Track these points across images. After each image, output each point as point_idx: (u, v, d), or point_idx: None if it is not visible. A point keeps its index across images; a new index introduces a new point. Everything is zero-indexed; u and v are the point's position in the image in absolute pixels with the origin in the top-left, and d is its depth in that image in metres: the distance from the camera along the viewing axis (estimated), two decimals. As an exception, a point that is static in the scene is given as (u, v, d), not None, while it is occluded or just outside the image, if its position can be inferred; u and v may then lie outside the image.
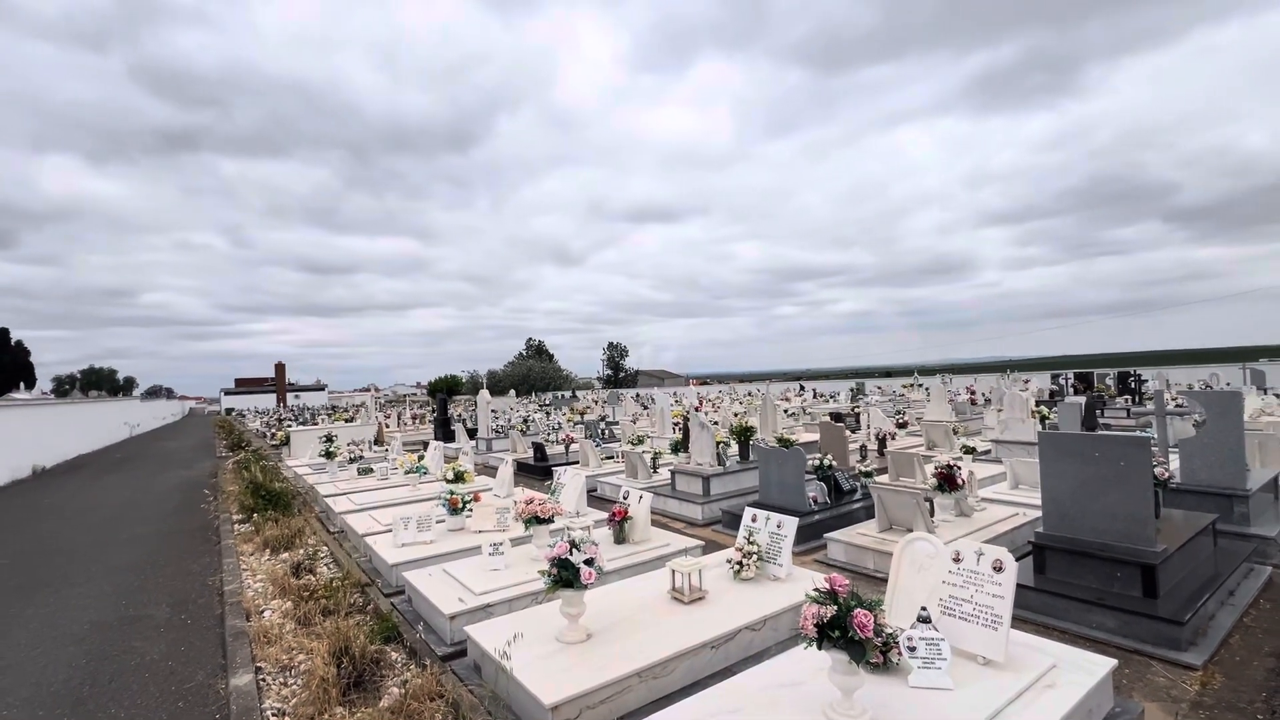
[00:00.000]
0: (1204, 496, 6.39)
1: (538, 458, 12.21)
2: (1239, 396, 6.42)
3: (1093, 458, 4.78)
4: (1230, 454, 6.37)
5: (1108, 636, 4.31)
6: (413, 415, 27.18)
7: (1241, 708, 3.39)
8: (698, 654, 3.77)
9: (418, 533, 6.28)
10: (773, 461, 7.53)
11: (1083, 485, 4.84)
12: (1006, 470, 8.36)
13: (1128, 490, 4.61)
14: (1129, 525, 4.61)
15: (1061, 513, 4.97)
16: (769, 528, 4.90)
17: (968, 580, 3.40)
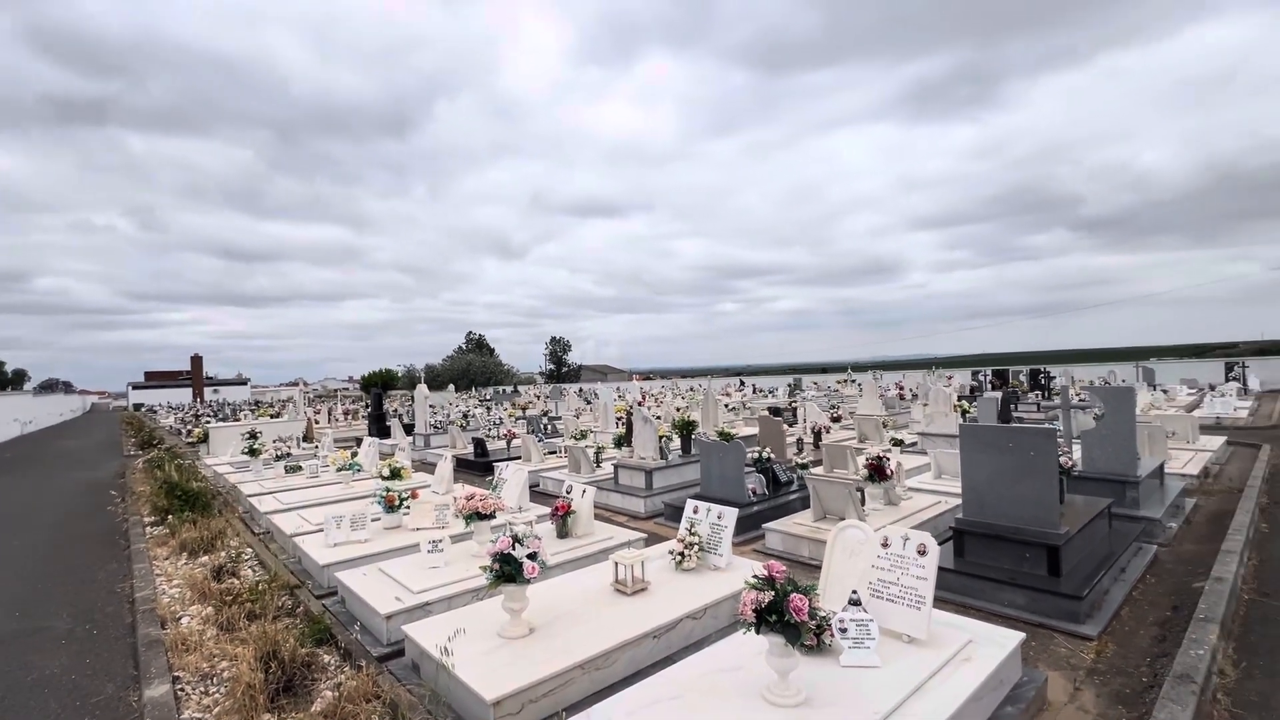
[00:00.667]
0: (1101, 483, 6.97)
1: (478, 454, 11.98)
2: (1132, 392, 7.04)
3: (1006, 449, 5.14)
4: (1123, 444, 6.98)
5: (1017, 612, 4.66)
6: (345, 411, 26.08)
7: (1129, 672, 3.74)
8: (640, 644, 3.82)
9: (351, 532, 6.05)
10: (714, 455, 7.69)
11: (998, 474, 5.19)
12: (931, 461, 8.85)
13: (1036, 478, 4.98)
14: (1037, 510, 4.98)
15: (979, 500, 5.31)
16: (710, 519, 5.01)
17: (894, 564, 3.60)
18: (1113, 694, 3.52)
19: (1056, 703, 3.47)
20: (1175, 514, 7.12)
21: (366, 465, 9.57)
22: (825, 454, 9.59)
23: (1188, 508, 7.44)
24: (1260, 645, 3.99)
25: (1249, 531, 6.22)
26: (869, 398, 16.25)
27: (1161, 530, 6.49)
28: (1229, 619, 4.23)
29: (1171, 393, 21.28)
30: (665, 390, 35.44)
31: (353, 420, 23.04)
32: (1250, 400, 19.37)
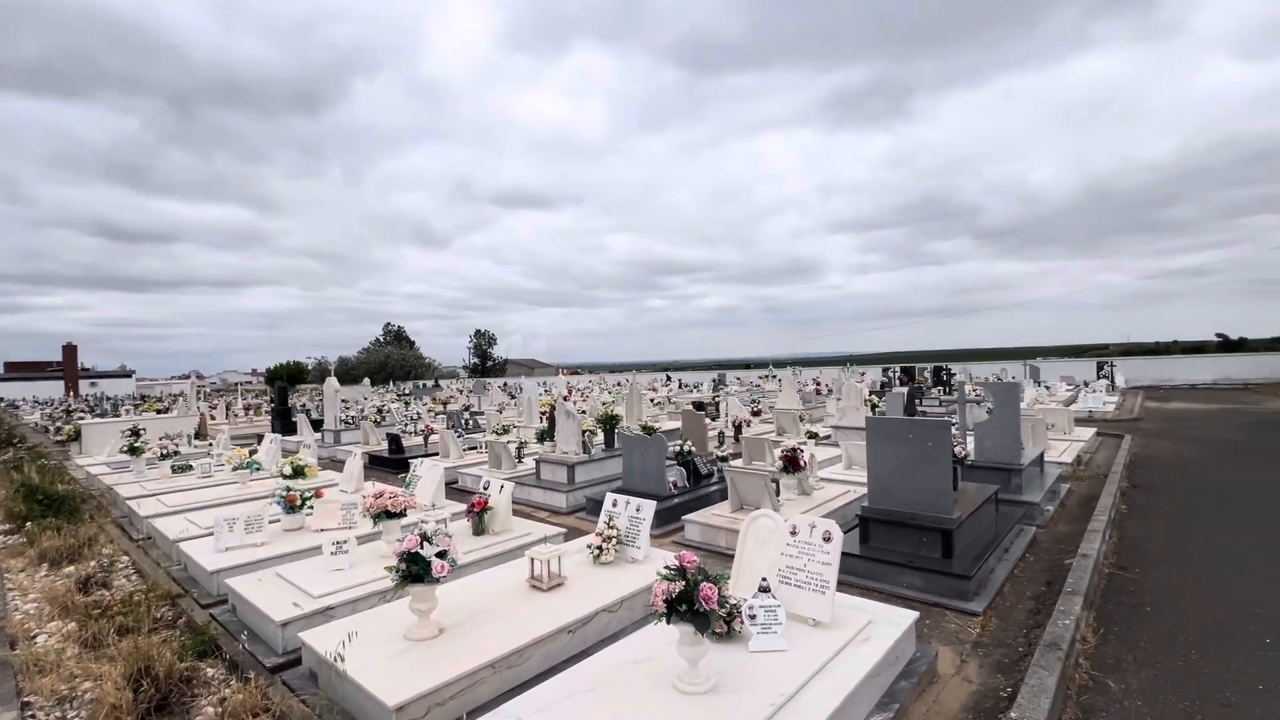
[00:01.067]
0: (991, 471, 7.55)
1: (393, 450, 11.45)
2: (1018, 388, 7.68)
3: (907, 440, 5.45)
4: (1010, 436, 7.59)
5: (915, 593, 4.95)
6: (246, 406, 24.26)
7: (1008, 643, 4.06)
8: (554, 639, 3.76)
9: (245, 535, 5.61)
10: (636, 449, 7.71)
11: (899, 464, 5.50)
12: (842, 453, 9.29)
13: (933, 467, 5.32)
14: (934, 497, 5.32)
15: (883, 488, 5.61)
16: (628, 512, 5.02)
17: (802, 551, 3.72)
18: (994, 664, 3.81)
19: (945, 675, 3.71)
20: (1052, 498, 7.82)
21: (267, 463, 8.92)
22: (745, 447, 9.85)
23: (1063, 492, 8.19)
24: (1116, 613, 4.44)
25: (1111, 513, 6.92)
26: (788, 393, 16.85)
27: (1040, 513, 7.11)
28: (1092, 591, 4.69)
29: (1053, 389, 23.45)
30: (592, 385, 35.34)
31: (255, 416, 21.47)
32: (1117, 396, 21.63)
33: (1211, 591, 4.78)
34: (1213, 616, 4.34)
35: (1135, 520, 6.88)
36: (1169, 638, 4.03)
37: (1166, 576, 5.12)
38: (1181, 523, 6.70)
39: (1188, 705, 3.23)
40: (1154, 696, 3.32)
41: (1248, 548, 5.79)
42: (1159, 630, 4.15)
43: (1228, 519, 6.77)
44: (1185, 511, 7.13)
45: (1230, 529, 6.39)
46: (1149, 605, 4.56)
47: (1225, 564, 5.38)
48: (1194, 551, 5.73)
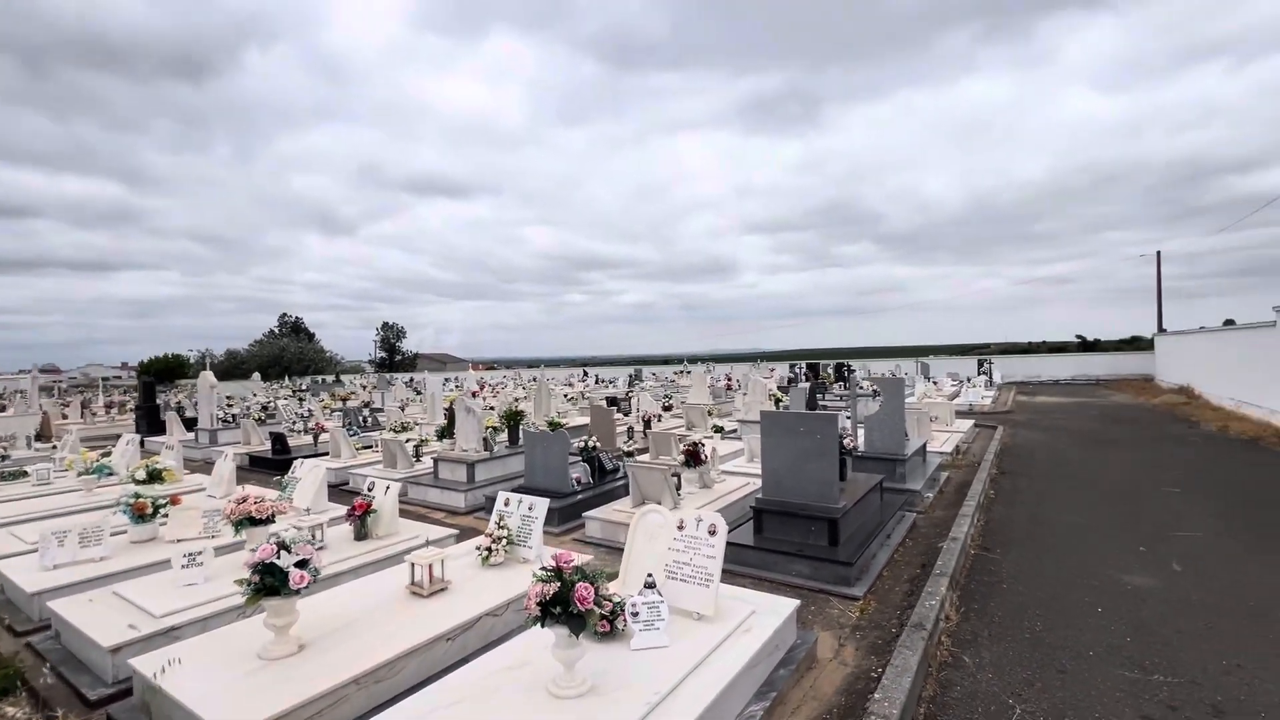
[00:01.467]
0: (879, 461, 7.99)
1: (277, 450, 10.58)
2: (902, 384, 8.16)
3: (799, 433, 5.63)
4: (895, 428, 8.06)
5: (803, 580, 5.12)
6: (109, 403, 21.73)
7: (883, 625, 4.26)
8: (431, 649, 3.55)
9: (80, 549, 4.94)
10: (538, 445, 7.53)
11: (792, 456, 5.67)
12: (744, 446, 9.52)
13: (822, 459, 5.52)
14: (822, 488, 5.52)
15: (776, 480, 5.77)
16: (521, 510, 4.85)
17: (689, 545, 3.72)
18: (869, 646, 3.98)
19: (824, 659, 3.84)
20: (932, 485, 8.39)
21: (120, 468, 7.96)
22: (651, 441, 9.89)
23: (942, 480, 8.80)
24: (977, 592, 4.78)
25: (980, 498, 7.51)
26: (698, 388, 17.15)
27: (921, 500, 7.60)
28: (958, 572, 5.04)
29: (940, 384, 25.39)
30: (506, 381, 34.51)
31: (119, 415, 19.25)
32: (994, 391, 23.68)
33: (1058, 566, 5.27)
34: (1057, 589, 4.78)
35: (1001, 504, 7.49)
36: (1019, 611, 4.39)
37: (1022, 554, 5.59)
38: (1038, 504, 7.37)
39: (1030, 674, 3.50)
40: (1003, 668, 3.57)
41: (1089, 525, 6.44)
42: (1012, 605, 4.51)
43: (1076, 500, 7.52)
44: (1042, 494, 7.86)
45: (1077, 509, 7.10)
46: (1005, 582, 4.95)
47: (1070, 540, 5.96)
48: (1046, 530, 6.31)
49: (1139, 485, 8.22)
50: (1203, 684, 3.34)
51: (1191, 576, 4.93)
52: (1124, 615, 4.27)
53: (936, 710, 3.21)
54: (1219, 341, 18.35)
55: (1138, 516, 6.74)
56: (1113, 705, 3.21)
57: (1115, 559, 5.42)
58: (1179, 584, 4.79)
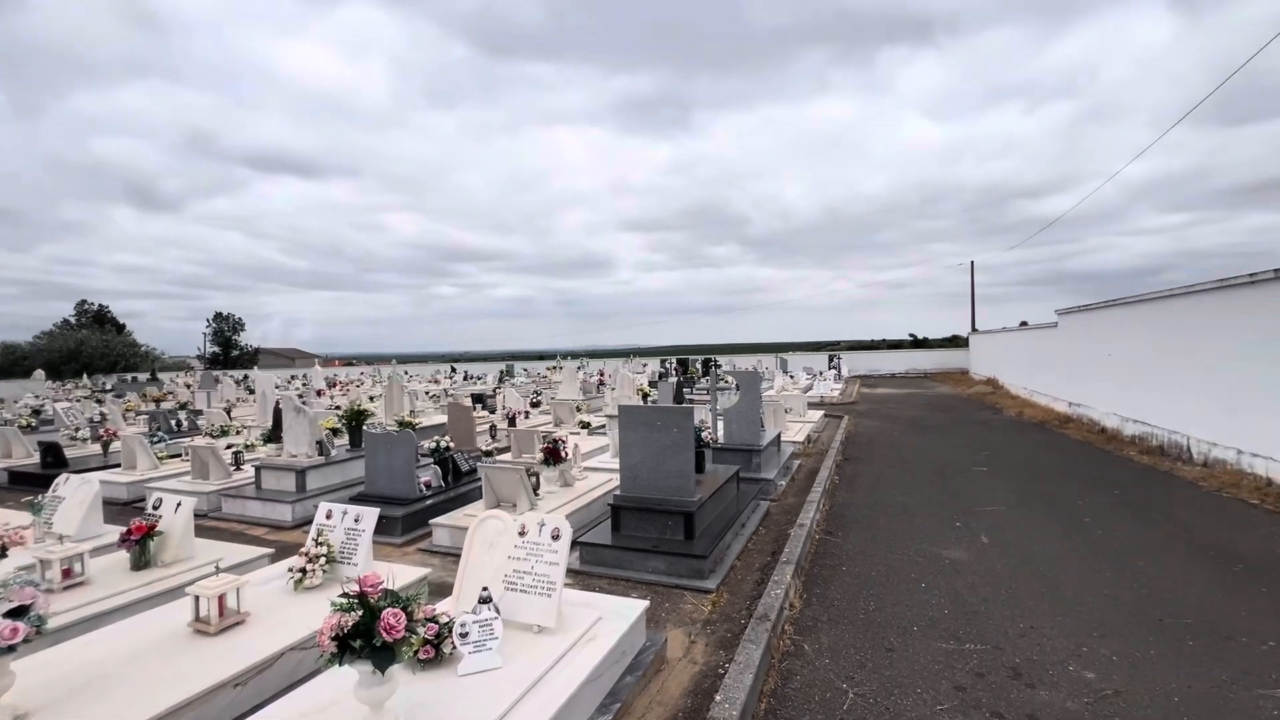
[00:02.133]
0: (737, 452, 8.21)
1: (49, 463, 8.72)
2: (758, 377, 8.46)
3: (655, 426, 5.54)
4: (751, 419, 8.33)
5: (659, 577, 5.02)
6: None
7: (734, 617, 4.26)
8: (211, 699, 2.94)
9: None
10: (380, 447, 6.81)
11: (649, 450, 5.57)
12: (610, 441, 9.39)
13: (679, 453, 5.48)
14: (679, 481, 5.48)
15: (634, 475, 5.64)
16: (345, 523, 4.26)
17: (530, 552, 3.42)
18: (719, 641, 3.94)
19: (674, 659, 3.73)
20: (786, 473, 8.80)
21: None
22: (514, 440, 9.45)
23: (795, 468, 9.28)
24: (819, 575, 4.98)
25: (826, 484, 7.98)
26: (568, 383, 16.86)
27: (774, 488, 7.90)
28: (803, 558, 5.22)
29: (796, 378, 27.27)
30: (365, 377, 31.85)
31: None
32: (842, 384, 25.84)
33: (890, 545, 5.66)
34: (889, 567, 5.11)
35: (844, 489, 8.01)
36: (856, 592, 4.61)
37: (860, 536, 5.96)
38: (875, 487, 7.97)
39: (862, 655, 3.64)
40: (839, 652, 3.69)
41: (917, 504, 7.06)
42: (850, 586, 4.73)
43: (906, 481, 8.25)
44: (879, 478, 8.53)
45: (907, 489, 7.78)
46: (845, 564, 5.22)
47: (901, 519, 6.47)
48: (881, 511, 6.81)
49: (956, 465, 9.21)
50: (1004, 648, 3.66)
51: (996, 548, 5.50)
52: (943, 588, 4.64)
53: (777, 704, 3.21)
54: (1015, 340, 21.42)
55: (955, 494, 7.51)
56: (932, 678, 3.40)
57: (937, 535, 5.94)
58: (987, 556, 5.33)
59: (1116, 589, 4.53)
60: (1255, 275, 7.86)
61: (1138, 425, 10.85)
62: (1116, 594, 4.44)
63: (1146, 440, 10.46)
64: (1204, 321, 9.08)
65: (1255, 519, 6.24)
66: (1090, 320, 13.77)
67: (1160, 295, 10.37)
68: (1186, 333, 9.56)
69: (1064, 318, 15.53)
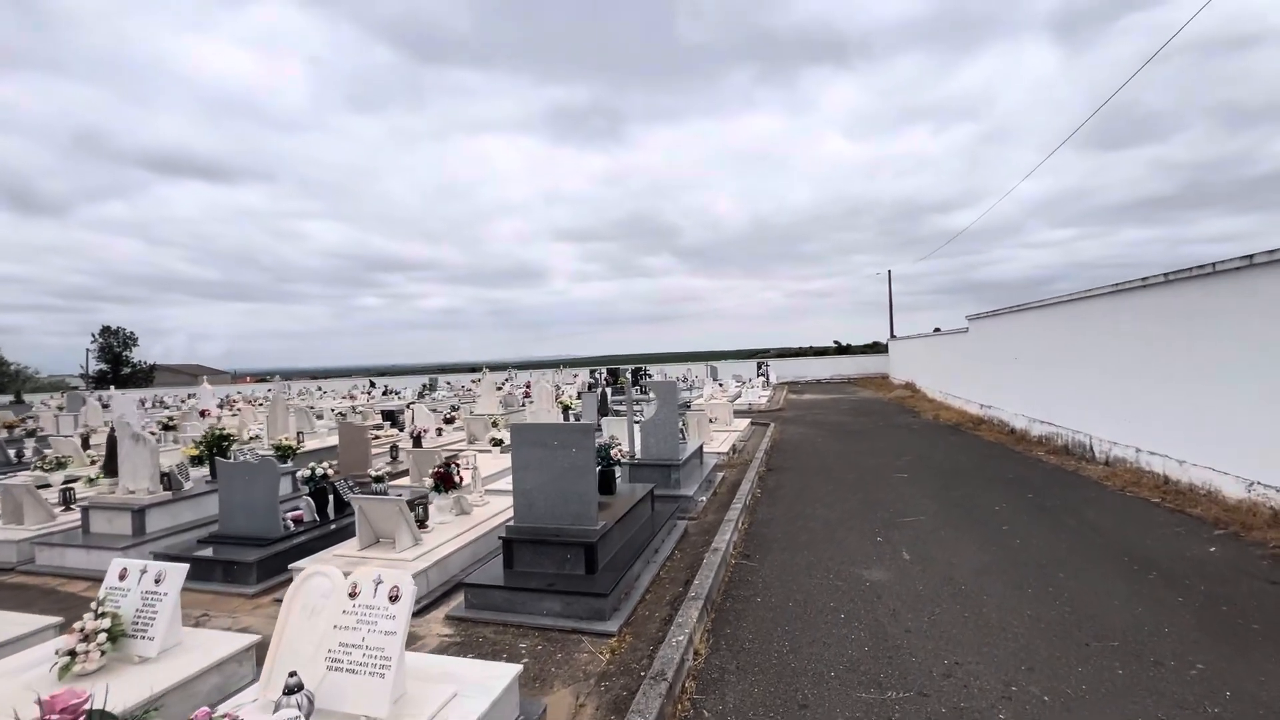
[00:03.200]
0: (654, 468, 7.68)
1: None
2: (674, 386, 7.98)
3: (553, 446, 4.91)
4: (668, 432, 7.82)
5: (555, 621, 4.37)
6: None
7: (633, 669, 3.68)
8: None
9: None
10: (236, 478, 5.82)
11: (546, 474, 4.93)
12: (520, 460, 8.65)
13: (579, 476, 4.86)
14: (580, 508, 4.86)
15: (530, 503, 4.98)
16: (143, 584, 3.38)
17: (362, 619, 2.71)
18: (612, 703, 3.34)
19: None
20: (707, 488, 8.35)
21: None
22: (413, 462, 8.55)
23: (717, 481, 8.85)
24: (731, 611, 4.48)
25: (748, 499, 7.57)
26: (486, 396, 15.92)
27: (694, 505, 7.42)
28: (714, 591, 4.71)
29: (725, 386, 27.29)
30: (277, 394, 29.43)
31: None
32: (769, 391, 26.02)
33: (809, 567, 5.26)
34: (807, 594, 4.68)
35: (766, 502, 7.63)
36: (769, 630, 4.13)
37: (779, 559, 5.53)
38: (797, 500, 7.64)
39: (772, 715, 3.13)
40: (745, 713, 3.16)
41: (838, 518, 6.75)
42: (763, 623, 4.25)
43: (828, 492, 7.97)
44: (801, 489, 8.22)
45: (829, 501, 7.48)
46: (760, 594, 4.75)
47: (822, 536, 6.11)
48: (802, 528, 6.44)
49: (878, 472, 9.07)
50: (930, 694, 3.25)
51: (918, 565, 5.20)
52: (864, 618, 4.23)
53: (670, 789, 2.63)
54: (929, 345, 22.20)
55: (876, 504, 7.26)
56: (851, 735, 2.93)
57: (858, 552, 5.60)
58: (908, 575, 5.00)
59: (1039, 607, 4.27)
60: (1147, 279, 8.12)
61: (1044, 426, 11.17)
62: (1040, 613, 4.18)
63: (1053, 440, 10.75)
64: (1100, 324, 9.38)
65: (1159, 519, 6.28)
66: (997, 325, 14.24)
67: (1060, 300, 10.73)
68: (1084, 335, 9.88)
69: (974, 323, 16.07)
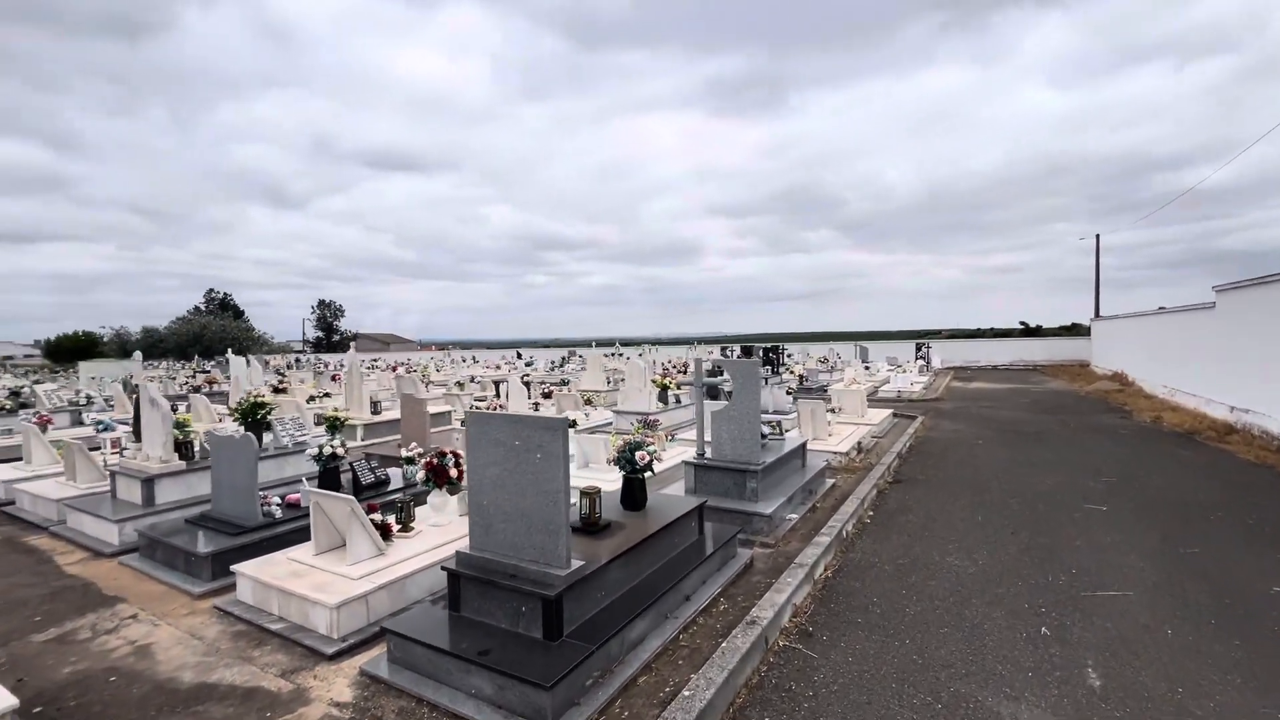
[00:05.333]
0: (727, 473, 5.94)
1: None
2: (756, 367, 6.06)
3: (514, 446, 3.45)
4: (747, 429, 5.98)
5: (476, 713, 2.96)
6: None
7: None
8: None
9: None
10: (223, 452, 5.17)
11: (505, 485, 3.50)
12: (576, 450, 7.35)
13: (541, 491, 3.36)
14: (545, 539, 3.37)
15: (486, 522, 3.58)
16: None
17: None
18: None
19: None
20: (804, 501, 6.41)
21: None
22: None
23: (822, 491, 6.84)
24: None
25: (850, 524, 5.54)
26: (592, 372, 14.97)
27: (776, 525, 5.57)
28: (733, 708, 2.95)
29: (875, 368, 23.89)
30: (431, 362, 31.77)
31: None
32: (928, 376, 22.25)
33: (902, 677, 3.22)
34: (895, 729, 2.74)
35: (873, 533, 5.52)
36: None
37: (856, 649, 3.54)
38: (922, 534, 5.42)
39: None
40: None
41: (978, 574, 4.49)
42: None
43: (973, 525, 5.61)
44: (933, 516, 5.93)
45: (970, 542, 5.17)
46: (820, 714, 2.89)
47: (943, 610, 3.97)
48: (914, 589, 4.31)
49: (1058, 500, 6.40)
50: None
51: (1117, 705, 2.95)
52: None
53: None
54: (1153, 326, 17.10)
55: (1048, 557, 4.84)
56: None
57: (1000, 655, 3.43)
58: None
59: None
60: None
61: (1355, 447, 7.38)
62: None
63: (1372, 471, 7.03)
64: None
65: None
66: (1266, 296, 10.02)
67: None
68: None
69: (1224, 295, 11.68)
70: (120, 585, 4.54)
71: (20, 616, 4.02)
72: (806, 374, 20.10)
